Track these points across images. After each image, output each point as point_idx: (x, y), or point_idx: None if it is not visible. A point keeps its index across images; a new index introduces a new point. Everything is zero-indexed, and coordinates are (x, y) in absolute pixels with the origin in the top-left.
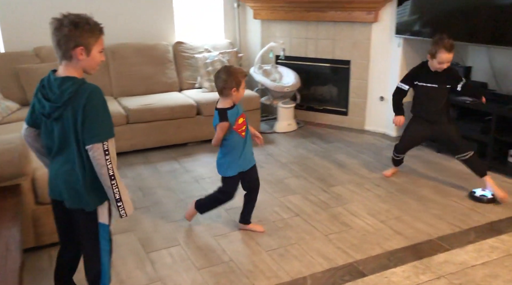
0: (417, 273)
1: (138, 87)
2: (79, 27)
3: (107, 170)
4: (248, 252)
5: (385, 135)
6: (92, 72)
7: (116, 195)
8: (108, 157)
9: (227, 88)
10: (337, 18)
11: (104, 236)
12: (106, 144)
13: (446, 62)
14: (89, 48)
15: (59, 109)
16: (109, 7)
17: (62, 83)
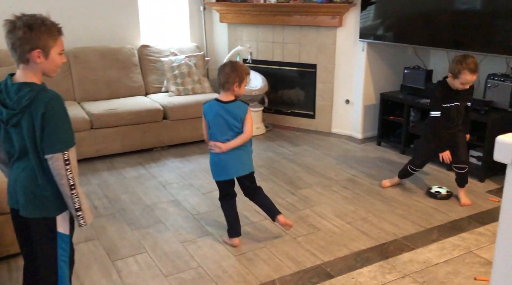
0: (383, 273)
1: (102, 92)
2: (34, 29)
3: (67, 180)
4: (216, 257)
5: (351, 138)
6: (52, 75)
7: (76, 205)
8: (69, 167)
9: (229, 83)
10: (303, 23)
11: (62, 247)
12: (66, 154)
13: (470, 83)
14: (47, 50)
15: (17, 116)
16: (71, 9)
17: (19, 89)
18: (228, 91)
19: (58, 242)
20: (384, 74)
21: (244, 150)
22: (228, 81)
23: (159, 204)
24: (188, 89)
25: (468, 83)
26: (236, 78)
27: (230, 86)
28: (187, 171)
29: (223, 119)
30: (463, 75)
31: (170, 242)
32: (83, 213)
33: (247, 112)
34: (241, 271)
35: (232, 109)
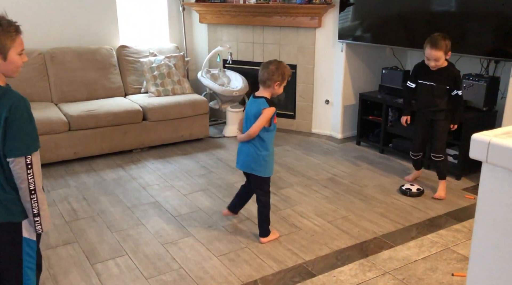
0: (364, 271)
1: (80, 93)
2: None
3: (28, 185)
4: (198, 258)
5: (331, 138)
6: (14, 76)
7: (34, 210)
8: (31, 171)
9: (271, 80)
10: (282, 23)
11: (28, 253)
12: (29, 158)
13: (432, 59)
14: (5, 51)
15: None
16: (48, 9)
17: None
18: (268, 88)
19: (23, 248)
20: (363, 75)
21: (251, 148)
22: (271, 79)
23: (139, 206)
24: (168, 90)
25: (430, 58)
26: (280, 77)
27: (271, 83)
28: (167, 173)
29: (247, 113)
30: (425, 50)
31: (151, 244)
32: (41, 219)
33: (261, 111)
34: (223, 272)
35: (254, 105)
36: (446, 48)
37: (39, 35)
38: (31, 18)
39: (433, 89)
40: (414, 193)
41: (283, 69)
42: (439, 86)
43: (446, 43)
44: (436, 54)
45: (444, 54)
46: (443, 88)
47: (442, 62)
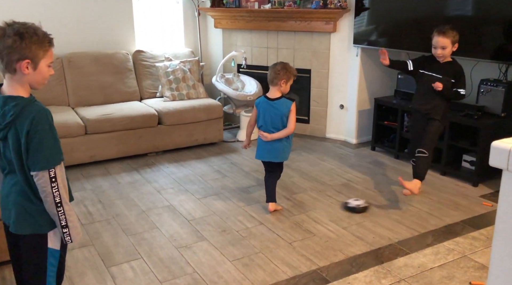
0: (379, 278)
1: (96, 97)
2: (25, 38)
3: (53, 198)
4: (212, 262)
5: (346, 142)
6: (38, 88)
7: (62, 222)
8: (55, 184)
9: (278, 78)
10: (297, 28)
11: (51, 262)
12: (52, 171)
13: (439, 46)
14: (36, 61)
15: (3, 131)
16: (66, 14)
17: (4, 103)
18: (275, 86)
19: (48, 258)
20: (378, 79)
21: (284, 141)
22: (277, 77)
23: (154, 209)
24: (182, 94)
25: (437, 45)
26: (285, 75)
27: (278, 81)
28: (182, 176)
29: (270, 114)
30: (433, 37)
31: (165, 248)
32: (70, 230)
33: (291, 108)
34: (237, 276)
35: (278, 106)
36: (454, 38)
37: (57, 40)
38: (50, 23)
39: (439, 81)
40: (359, 209)
41: (288, 68)
42: (444, 78)
43: (454, 33)
44: (443, 41)
45: (451, 43)
46: (449, 81)
47: (449, 52)
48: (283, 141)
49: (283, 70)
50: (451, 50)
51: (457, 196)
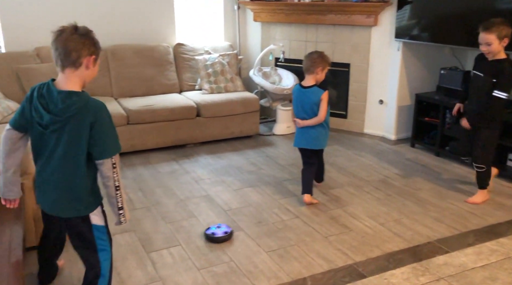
0: (417, 275)
1: (138, 88)
2: (91, 36)
3: (114, 182)
4: (248, 252)
5: (384, 138)
6: (86, 84)
7: (119, 204)
8: (115, 170)
9: (315, 66)
10: (337, 21)
11: (100, 237)
12: (114, 158)
13: (484, 42)
14: (97, 59)
15: (61, 122)
16: (109, 8)
17: (66, 97)
18: (311, 74)
19: (95, 234)
20: (420, 75)
21: (320, 128)
22: (314, 65)
23: (192, 198)
24: (221, 87)
25: (481, 42)
26: (321, 64)
27: (314, 69)
28: (218, 168)
29: (301, 102)
30: (479, 33)
31: (203, 236)
32: (124, 211)
33: (321, 97)
34: (272, 267)
35: (309, 94)
36: (501, 33)
37: (102, 33)
38: (95, 16)
39: (480, 80)
40: (220, 239)
41: (324, 56)
42: (486, 77)
43: (502, 27)
44: (487, 37)
45: (498, 39)
46: (489, 81)
47: (495, 48)
48: (318, 128)
49: (319, 58)
50: (499, 46)
51: (501, 196)
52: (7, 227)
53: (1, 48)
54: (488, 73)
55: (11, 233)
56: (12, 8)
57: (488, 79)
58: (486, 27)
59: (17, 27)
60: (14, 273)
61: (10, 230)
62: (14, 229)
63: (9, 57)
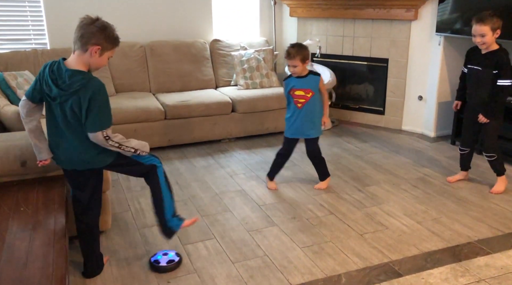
0: (456, 276)
1: (175, 84)
2: (106, 31)
3: (111, 147)
4: (282, 248)
5: (423, 136)
6: (94, 70)
7: (128, 153)
8: (109, 140)
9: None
10: (375, 16)
11: (145, 159)
12: (105, 132)
13: (478, 34)
14: (103, 51)
15: (66, 96)
16: (148, 5)
17: (73, 75)
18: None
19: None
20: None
21: None
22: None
23: (226, 193)
24: (256, 83)
25: (476, 33)
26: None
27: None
28: (253, 163)
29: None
30: (472, 25)
31: (237, 230)
32: (138, 150)
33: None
34: (307, 263)
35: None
36: (494, 24)
37: (141, 29)
38: (134, 13)
39: (479, 74)
40: (166, 268)
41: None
42: (485, 70)
43: (494, 20)
44: (481, 29)
45: (491, 30)
46: (489, 72)
47: (489, 39)
48: None
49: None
50: (492, 37)
51: None
52: (51, 217)
53: (47, 45)
54: (486, 66)
55: (55, 221)
56: (56, 5)
57: (488, 71)
58: (480, 19)
59: (61, 24)
60: (59, 259)
61: (55, 218)
62: (57, 217)
63: (54, 53)
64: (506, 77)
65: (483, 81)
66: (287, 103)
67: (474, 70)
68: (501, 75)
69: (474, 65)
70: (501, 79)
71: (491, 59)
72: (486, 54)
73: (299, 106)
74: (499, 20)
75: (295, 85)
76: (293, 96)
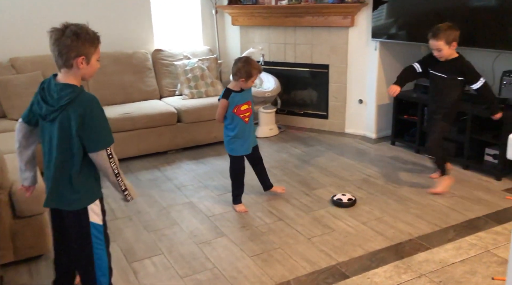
0: (399, 273)
1: (117, 96)
2: (80, 38)
3: (112, 171)
4: (231, 258)
5: (365, 137)
6: (89, 79)
7: (122, 187)
8: (112, 160)
9: (237, 75)
10: (314, 23)
11: (97, 236)
12: (109, 149)
13: (434, 49)
14: (89, 57)
15: (55, 112)
16: (85, 15)
17: (62, 89)
18: (236, 82)
19: (92, 232)
20: (397, 73)
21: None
22: (236, 74)
23: (174, 206)
24: (201, 92)
25: (432, 48)
26: (244, 74)
27: (237, 78)
28: (201, 173)
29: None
30: (429, 41)
31: (186, 244)
32: (129, 191)
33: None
34: (256, 272)
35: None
36: (448, 37)
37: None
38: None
39: (446, 81)
40: (346, 204)
41: (248, 66)
42: (450, 77)
43: (448, 33)
44: (436, 44)
45: (446, 44)
46: (455, 79)
47: (446, 52)
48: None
49: (244, 67)
50: (449, 50)
51: (479, 191)
52: None
53: None
54: (451, 73)
55: None
56: None
57: (454, 78)
58: (434, 34)
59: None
60: None
61: None
62: None
63: None
64: (475, 80)
65: (449, 88)
66: (229, 122)
67: (438, 77)
68: (471, 80)
69: (438, 72)
70: (473, 83)
71: (454, 67)
72: (449, 61)
73: (246, 121)
74: (454, 31)
75: (238, 102)
76: (238, 112)
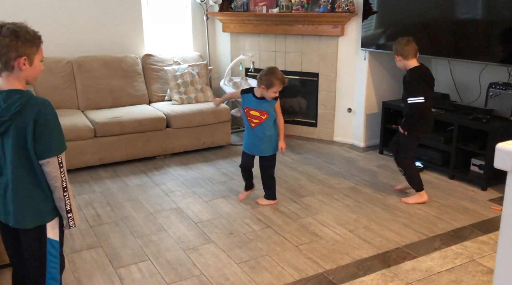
0: (386, 281)
1: (105, 100)
2: (20, 37)
3: (61, 183)
4: (219, 265)
5: (354, 146)
6: (33, 82)
7: (67, 207)
8: (62, 170)
9: (259, 81)
10: (304, 32)
11: (52, 253)
12: (60, 157)
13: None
14: (32, 58)
15: (6, 123)
16: (75, 18)
17: (8, 96)
18: (259, 88)
19: (48, 248)
20: (386, 83)
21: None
22: (259, 82)
23: (161, 212)
24: (191, 98)
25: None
26: (265, 82)
27: (259, 84)
28: (189, 179)
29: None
30: None
31: (173, 250)
32: (73, 215)
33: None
34: (243, 279)
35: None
36: (396, 51)
37: (68, 44)
38: (60, 27)
39: (403, 98)
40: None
41: (272, 75)
42: (404, 94)
43: (396, 46)
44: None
45: (396, 56)
46: (404, 93)
47: (398, 64)
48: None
49: (267, 76)
50: (400, 62)
51: (465, 200)
52: None
53: None
54: (403, 84)
55: None
56: None
57: (404, 92)
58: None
59: None
60: None
61: None
62: None
63: None
64: (413, 95)
65: (404, 97)
66: (244, 118)
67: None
68: (407, 93)
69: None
70: (409, 97)
71: (404, 78)
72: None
73: (252, 126)
74: (397, 45)
75: (249, 105)
76: (247, 114)
